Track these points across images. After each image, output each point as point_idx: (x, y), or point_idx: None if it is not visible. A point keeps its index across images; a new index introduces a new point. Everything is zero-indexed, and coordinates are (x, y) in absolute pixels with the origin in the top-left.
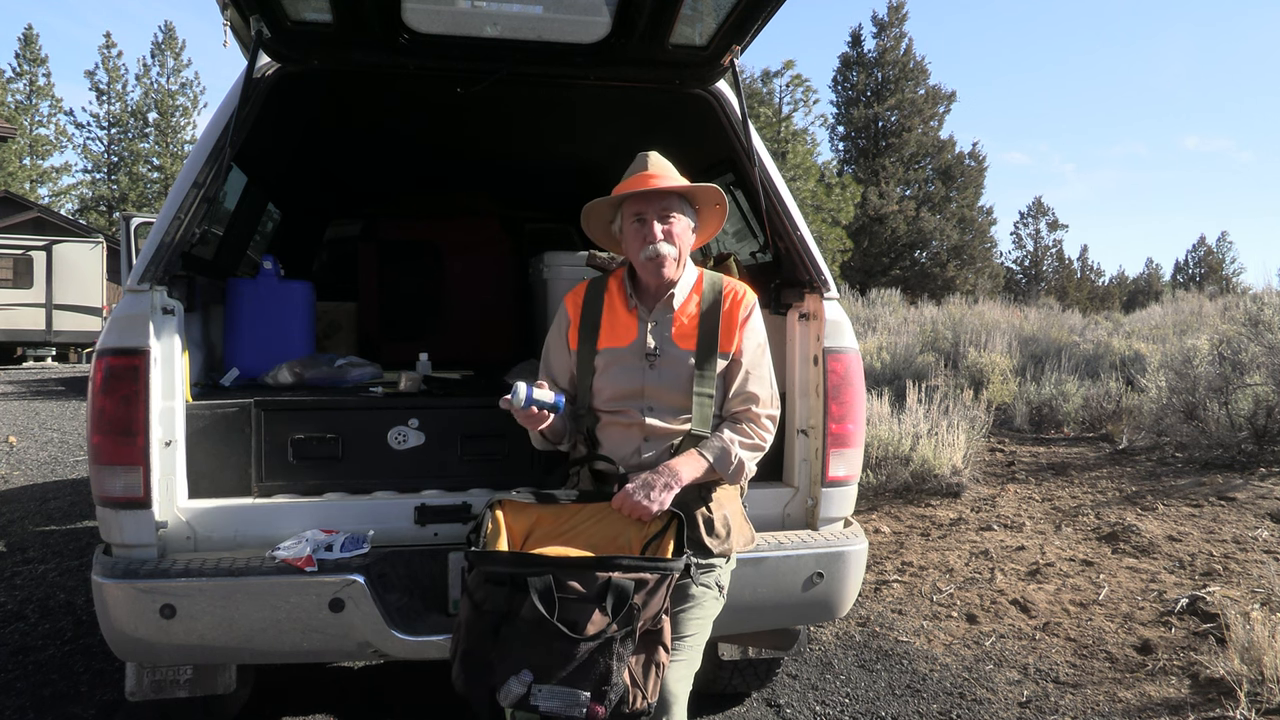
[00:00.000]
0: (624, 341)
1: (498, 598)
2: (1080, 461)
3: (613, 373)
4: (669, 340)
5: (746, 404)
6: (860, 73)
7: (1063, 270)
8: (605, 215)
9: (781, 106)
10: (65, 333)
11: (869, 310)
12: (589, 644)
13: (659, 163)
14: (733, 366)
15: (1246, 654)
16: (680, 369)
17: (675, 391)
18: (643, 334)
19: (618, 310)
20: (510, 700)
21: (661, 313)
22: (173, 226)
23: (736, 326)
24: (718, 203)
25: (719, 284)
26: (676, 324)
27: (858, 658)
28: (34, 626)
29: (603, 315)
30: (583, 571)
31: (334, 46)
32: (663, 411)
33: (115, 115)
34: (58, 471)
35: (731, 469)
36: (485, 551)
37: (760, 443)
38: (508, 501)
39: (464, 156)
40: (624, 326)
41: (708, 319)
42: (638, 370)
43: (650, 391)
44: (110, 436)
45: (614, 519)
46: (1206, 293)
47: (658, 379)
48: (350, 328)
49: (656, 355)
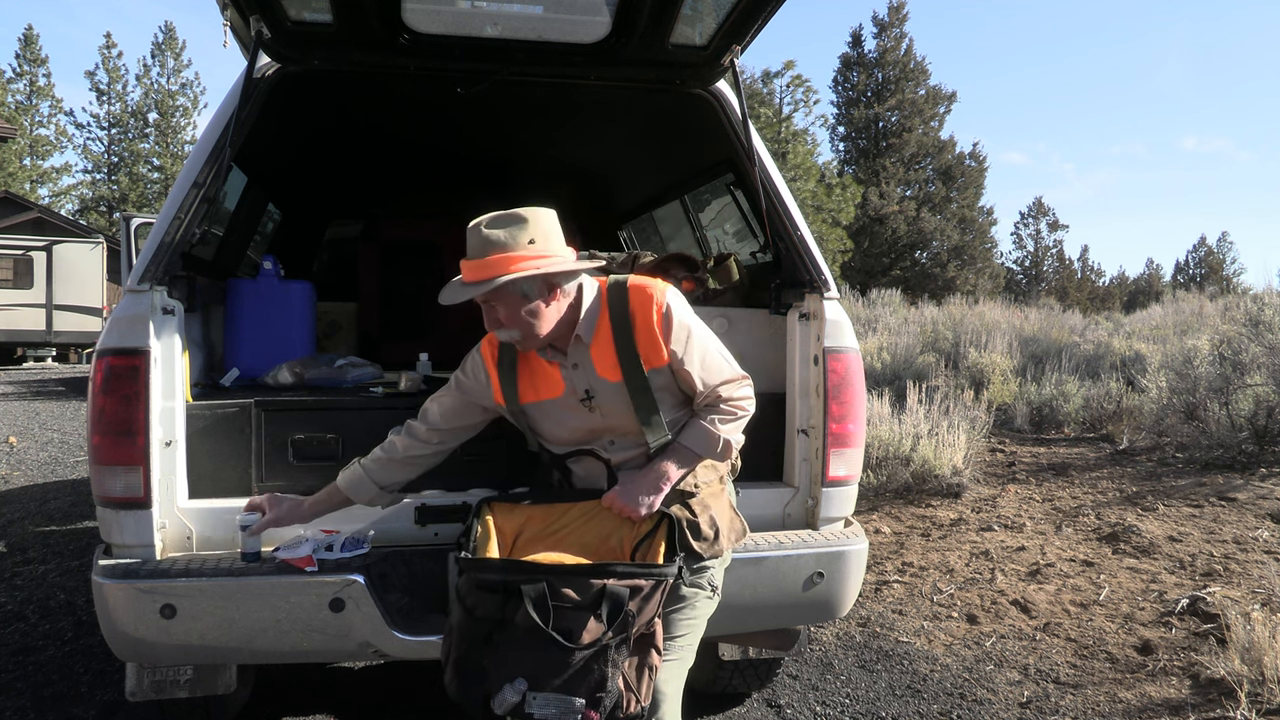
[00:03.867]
0: (554, 393)
1: (491, 605)
2: (1081, 462)
3: (557, 420)
4: (596, 378)
5: (713, 395)
6: (861, 73)
7: (1063, 270)
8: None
9: (782, 107)
10: (65, 333)
11: (869, 310)
12: (584, 652)
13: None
14: (678, 375)
15: (1247, 654)
16: (619, 401)
17: (627, 419)
18: (569, 381)
19: (534, 363)
20: (504, 708)
21: (577, 354)
22: (173, 227)
23: (658, 338)
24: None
25: (624, 295)
26: (596, 359)
27: (858, 658)
28: (34, 627)
29: (519, 371)
30: (577, 579)
31: (334, 47)
32: (624, 442)
33: (115, 115)
34: (58, 472)
35: (719, 448)
36: (478, 559)
37: (740, 412)
38: (496, 503)
39: (464, 157)
40: (546, 379)
41: (623, 345)
42: (581, 414)
43: (603, 429)
44: (110, 437)
45: (604, 518)
46: (1207, 293)
47: (603, 418)
48: (350, 328)
49: (591, 397)
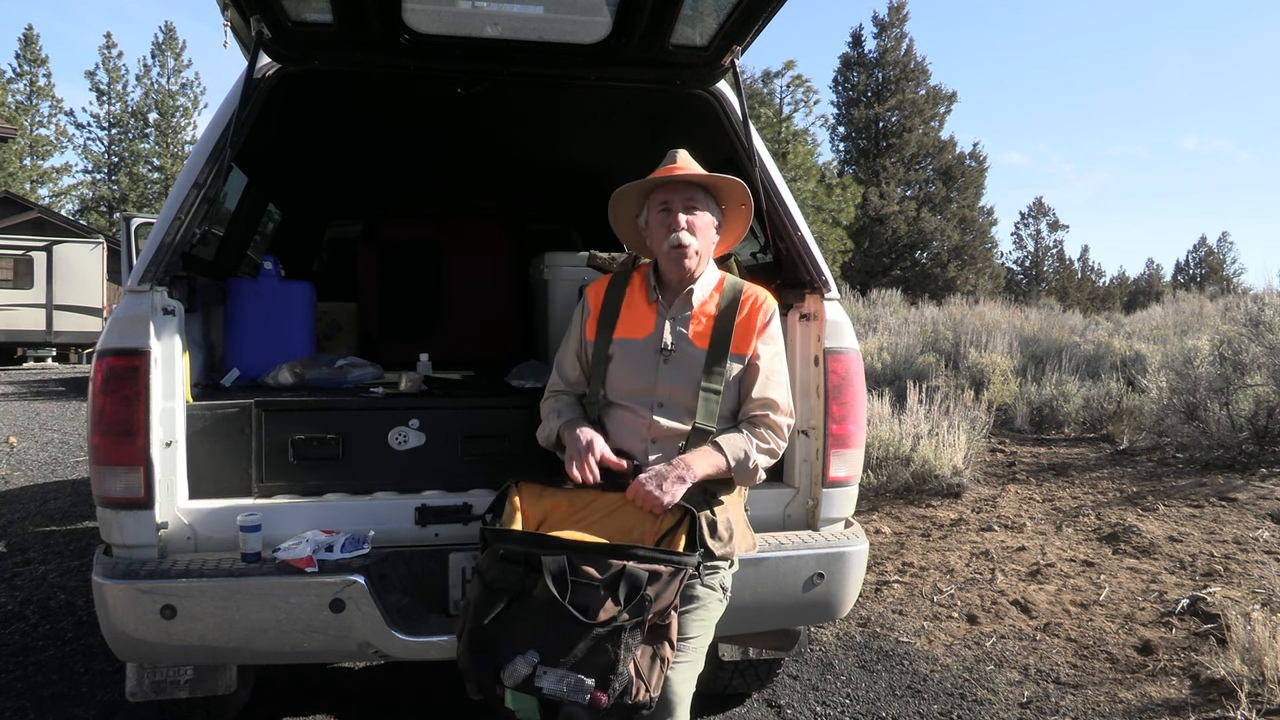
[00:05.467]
0: (640, 334)
1: (511, 576)
2: (1081, 462)
3: (626, 364)
4: (684, 337)
5: (765, 409)
6: (861, 73)
7: (1063, 271)
8: (631, 207)
9: (782, 107)
10: (65, 333)
11: (870, 311)
12: (599, 630)
13: (687, 158)
14: (749, 370)
15: (1247, 654)
16: (693, 366)
17: (686, 389)
18: (660, 328)
19: (638, 303)
20: (514, 680)
21: (680, 309)
22: (173, 227)
23: (754, 331)
24: (743, 202)
25: (739, 287)
26: (694, 321)
27: (858, 658)
28: (34, 627)
29: (623, 306)
30: (598, 557)
31: (334, 47)
32: (672, 409)
33: (115, 116)
34: (58, 472)
35: (747, 472)
36: (502, 530)
37: (775, 449)
38: (525, 484)
39: (464, 157)
40: (642, 319)
41: (724, 319)
42: (651, 364)
43: (662, 388)
44: (111, 437)
45: (627, 511)
46: (1207, 293)
47: (670, 375)
48: (351, 328)
49: (671, 350)
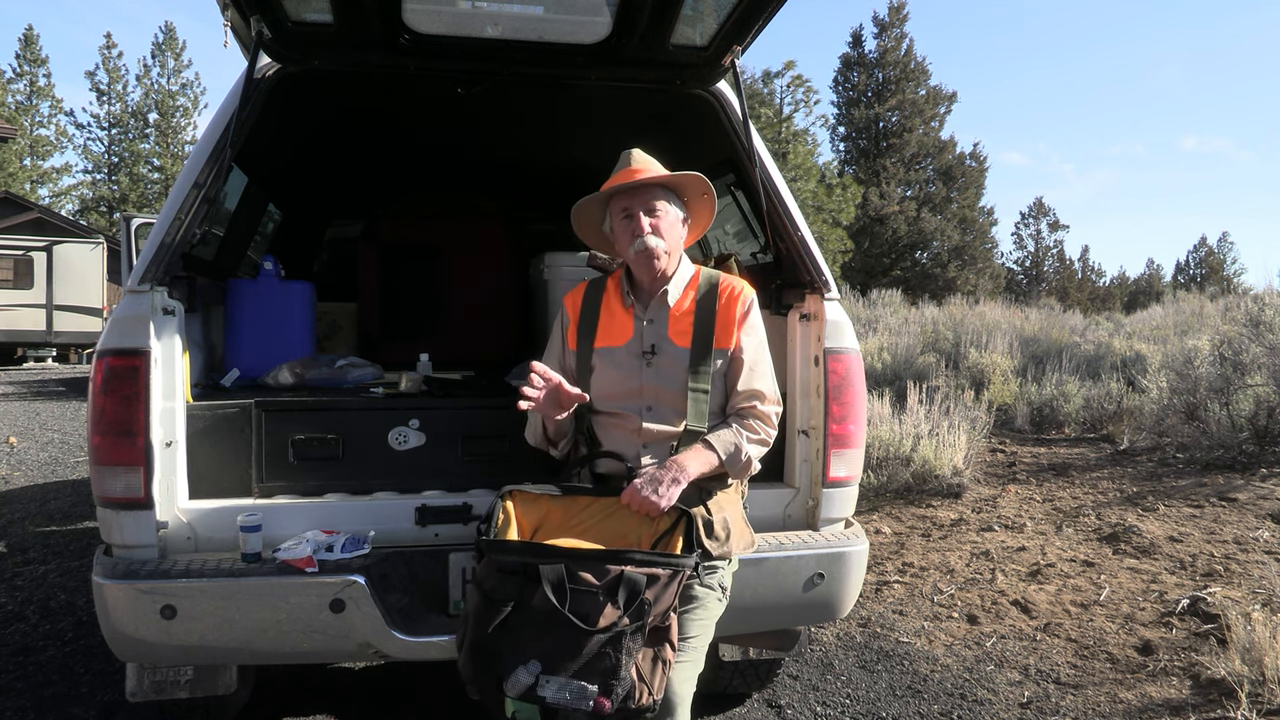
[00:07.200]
0: (620, 340)
1: (509, 587)
2: (1081, 462)
3: (611, 372)
4: (665, 337)
5: (752, 400)
6: (861, 73)
7: (1064, 271)
8: (595, 215)
9: (782, 107)
10: (66, 333)
11: (870, 311)
12: (599, 637)
13: (642, 159)
14: (734, 364)
15: (1247, 655)
16: (678, 366)
17: (673, 390)
18: (639, 331)
19: (614, 309)
20: (517, 690)
21: (657, 309)
22: (173, 227)
23: (734, 323)
24: (705, 192)
25: (715, 280)
26: (673, 321)
27: (859, 658)
28: (34, 627)
29: (600, 314)
30: (595, 564)
31: (334, 47)
32: (661, 412)
33: (115, 116)
34: (58, 472)
35: (740, 466)
36: (497, 541)
37: (766, 439)
38: (518, 492)
39: (465, 157)
40: (620, 325)
41: (703, 315)
42: (635, 369)
43: (648, 390)
44: (111, 437)
45: (623, 515)
46: (1207, 293)
47: (655, 377)
48: (351, 328)
49: (653, 353)
